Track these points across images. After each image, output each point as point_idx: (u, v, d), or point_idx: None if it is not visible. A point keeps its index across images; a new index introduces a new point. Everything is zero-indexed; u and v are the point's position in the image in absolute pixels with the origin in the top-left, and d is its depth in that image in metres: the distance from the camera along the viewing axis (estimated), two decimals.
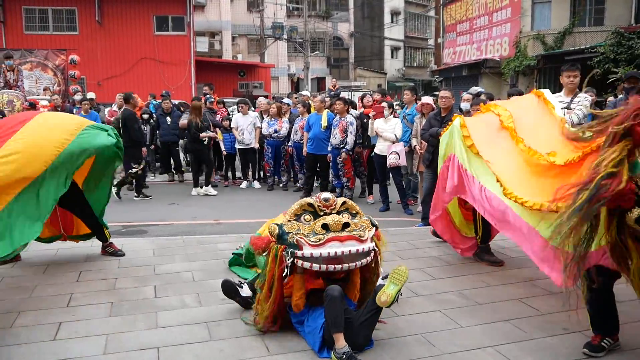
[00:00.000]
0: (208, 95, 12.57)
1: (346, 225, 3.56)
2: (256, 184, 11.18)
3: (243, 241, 5.54)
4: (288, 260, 3.54)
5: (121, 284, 4.88)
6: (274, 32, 33.30)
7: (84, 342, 3.71)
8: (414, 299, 4.48)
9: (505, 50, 22.50)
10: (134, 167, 9.64)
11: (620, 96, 6.98)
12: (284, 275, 3.60)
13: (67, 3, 23.72)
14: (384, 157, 8.56)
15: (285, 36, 33.53)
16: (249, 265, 5.25)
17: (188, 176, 12.14)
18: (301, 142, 10.11)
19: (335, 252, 3.46)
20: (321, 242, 3.47)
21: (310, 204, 3.72)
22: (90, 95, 13.52)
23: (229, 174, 11.79)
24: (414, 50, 47.36)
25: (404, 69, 45.14)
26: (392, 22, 42.84)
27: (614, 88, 14.41)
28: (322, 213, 3.68)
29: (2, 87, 14.22)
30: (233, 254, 5.44)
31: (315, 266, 3.48)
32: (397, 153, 8.35)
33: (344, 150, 9.24)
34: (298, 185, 10.73)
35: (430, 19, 46.08)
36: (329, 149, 9.44)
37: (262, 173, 11.54)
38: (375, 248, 3.71)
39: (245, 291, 4.26)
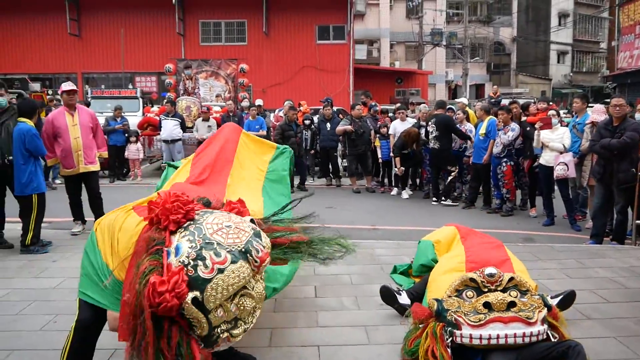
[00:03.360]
0: (374, 104, 12.88)
1: (512, 304, 3.23)
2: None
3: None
4: (447, 339, 3.29)
5: None
6: (433, 39, 32.96)
7: None
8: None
9: None
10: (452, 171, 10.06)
11: None
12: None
13: (238, 16, 25.71)
14: (550, 168, 8.05)
15: (444, 42, 33.05)
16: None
17: (344, 181, 12.45)
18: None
19: (498, 335, 3.16)
20: (481, 322, 3.20)
21: (472, 279, 3.41)
22: (259, 102, 14.57)
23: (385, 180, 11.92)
24: (584, 55, 44.07)
25: (571, 74, 42.20)
26: (559, 25, 40.28)
27: None
28: (485, 289, 3.36)
29: (182, 94, 15.80)
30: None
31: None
32: (566, 164, 7.82)
33: (504, 159, 8.90)
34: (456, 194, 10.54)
35: (603, 20, 42.60)
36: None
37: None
38: (549, 331, 3.28)
39: (404, 299, 4.26)
